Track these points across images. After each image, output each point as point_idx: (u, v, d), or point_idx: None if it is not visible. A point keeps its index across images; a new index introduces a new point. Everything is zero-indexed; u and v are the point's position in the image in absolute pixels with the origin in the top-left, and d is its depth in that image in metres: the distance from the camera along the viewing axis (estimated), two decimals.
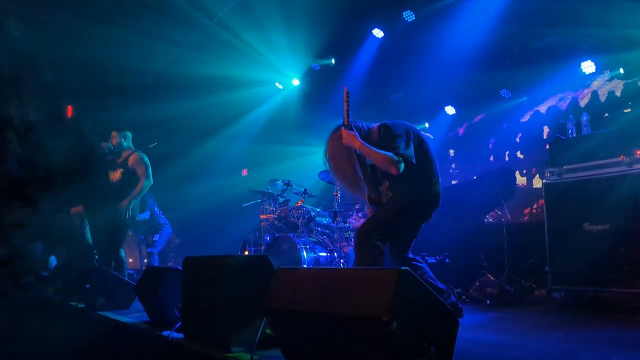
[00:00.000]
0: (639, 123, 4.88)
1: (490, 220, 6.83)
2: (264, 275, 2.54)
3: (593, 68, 6.35)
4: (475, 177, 7.47)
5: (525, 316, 3.87)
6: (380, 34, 7.41)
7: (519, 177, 7.36)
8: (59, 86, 6.86)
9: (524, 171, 7.41)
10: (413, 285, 1.78)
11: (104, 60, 7.71)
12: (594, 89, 6.65)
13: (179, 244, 9.56)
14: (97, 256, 5.37)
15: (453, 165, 8.51)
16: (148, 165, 5.28)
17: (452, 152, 8.57)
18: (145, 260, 7.80)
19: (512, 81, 7.23)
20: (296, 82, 8.72)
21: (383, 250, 3.15)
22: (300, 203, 6.29)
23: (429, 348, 1.72)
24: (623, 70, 6.28)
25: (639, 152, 3.77)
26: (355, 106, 3.41)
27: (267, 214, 6.39)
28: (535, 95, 7.29)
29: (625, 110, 6.10)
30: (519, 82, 7.18)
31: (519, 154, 7.60)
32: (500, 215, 5.96)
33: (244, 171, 10.32)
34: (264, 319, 2.25)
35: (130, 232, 6.75)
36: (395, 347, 1.68)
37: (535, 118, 7.41)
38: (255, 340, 2.21)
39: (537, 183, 7.14)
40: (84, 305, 4.33)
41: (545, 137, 7.13)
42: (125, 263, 5.21)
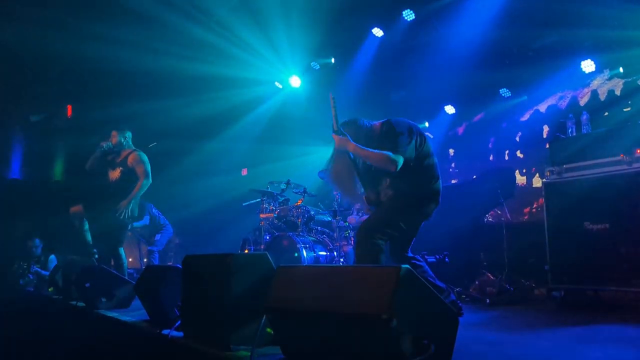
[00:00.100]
0: (639, 122, 4.88)
1: (490, 219, 6.82)
2: (264, 273, 2.55)
3: (593, 67, 6.35)
4: (475, 177, 7.46)
5: (525, 315, 3.86)
6: (379, 33, 7.41)
7: (518, 176, 7.36)
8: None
9: (524, 170, 7.42)
10: (413, 283, 1.78)
11: (104, 60, 7.72)
12: (593, 88, 6.66)
13: (179, 243, 9.55)
14: (97, 255, 5.37)
15: (453, 165, 8.52)
16: (147, 165, 5.29)
17: (452, 152, 8.57)
18: (145, 260, 7.80)
19: (512, 80, 7.23)
20: (296, 82, 8.71)
21: (383, 249, 3.15)
22: (299, 202, 6.29)
23: (429, 346, 1.72)
24: (623, 69, 6.28)
25: (638, 151, 3.77)
26: (355, 105, 3.43)
27: (267, 213, 6.39)
28: (535, 94, 7.29)
29: (625, 109, 6.11)
30: (518, 82, 7.18)
31: (518, 153, 7.60)
32: (500, 214, 5.96)
33: (244, 171, 10.32)
34: (263, 317, 2.25)
35: (130, 232, 6.75)
36: (395, 345, 1.68)
37: (535, 117, 7.41)
38: (255, 338, 2.21)
39: (537, 182, 7.15)
40: (83, 304, 4.33)
41: (545, 136, 7.13)
42: (124, 262, 5.21)
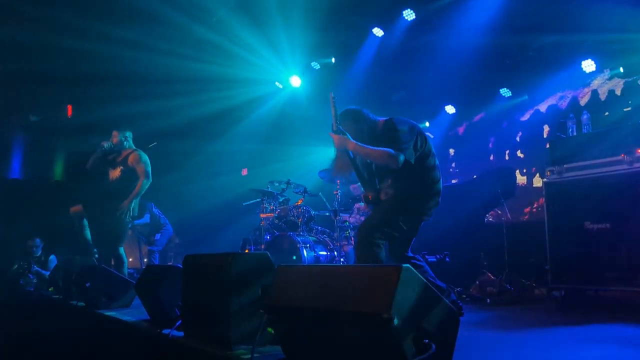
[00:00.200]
0: (639, 122, 4.88)
1: (491, 219, 6.82)
2: (265, 273, 2.55)
3: (593, 67, 6.34)
4: (475, 176, 7.46)
5: (525, 315, 3.87)
6: (380, 32, 7.41)
7: (519, 176, 7.36)
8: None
9: (524, 170, 7.41)
10: (414, 282, 1.78)
11: (104, 59, 7.73)
12: (594, 88, 6.65)
13: (179, 243, 9.55)
14: (97, 255, 5.37)
15: (453, 165, 8.51)
16: (148, 164, 5.29)
17: (452, 151, 8.56)
18: (145, 260, 7.81)
19: (512, 80, 7.23)
20: (296, 81, 8.71)
21: (383, 249, 3.15)
22: (300, 202, 6.29)
23: (430, 345, 1.72)
24: (623, 69, 6.28)
25: (639, 151, 3.77)
26: (355, 105, 3.42)
27: (267, 213, 6.39)
28: (536, 94, 7.29)
29: (625, 109, 6.10)
30: (519, 81, 7.18)
31: (519, 153, 7.59)
32: (501, 214, 5.96)
33: (244, 171, 10.31)
34: (264, 316, 2.25)
35: (130, 231, 6.75)
36: (396, 345, 1.68)
37: (536, 117, 7.41)
38: (256, 338, 2.21)
39: (538, 182, 7.14)
40: (84, 304, 4.33)
41: (545, 136, 7.12)
42: (125, 261, 5.21)
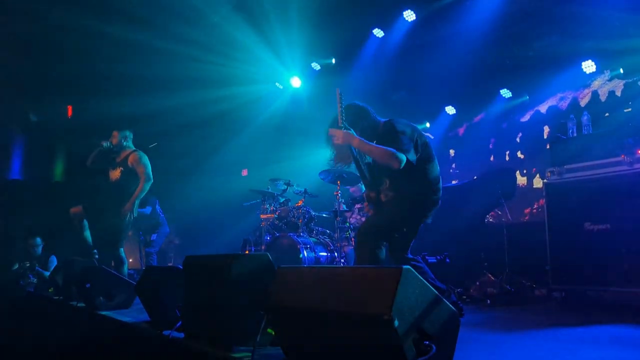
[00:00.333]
0: (639, 123, 4.88)
1: (491, 220, 6.82)
2: (265, 274, 2.55)
3: (593, 68, 6.35)
4: (475, 177, 7.46)
5: (525, 316, 3.86)
6: (380, 33, 7.41)
7: (519, 177, 7.36)
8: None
9: (525, 171, 7.41)
10: (414, 283, 1.78)
11: (105, 60, 7.73)
12: (594, 89, 6.65)
13: (179, 244, 9.55)
14: (97, 256, 5.36)
15: (453, 165, 8.51)
16: (148, 165, 5.28)
17: (453, 152, 8.57)
18: (144, 261, 7.80)
19: (513, 81, 7.24)
20: (296, 82, 8.72)
21: (383, 250, 3.15)
22: (300, 203, 6.28)
23: (430, 347, 1.72)
24: (623, 70, 6.28)
25: (639, 152, 3.77)
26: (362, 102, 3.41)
27: (268, 214, 6.38)
28: (536, 95, 7.29)
29: (625, 110, 6.10)
30: (519, 82, 7.18)
31: (519, 154, 7.59)
32: (501, 215, 5.96)
33: (244, 171, 10.31)
34: (264, 317, 2.25)
35: (130, 232, 6.74)
36: (397, 346, 1.68)
37: (536, 118, 7.41)
38: (256, 339, 2.21)
39: (538, 183, 7.14)
40: (84, 305, 4.33)
41: (545, 137, 7.12)
42: (125, 262, 5.20)
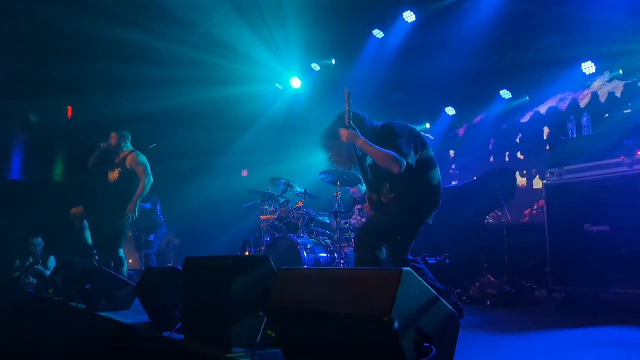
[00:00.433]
0: (639, 124, 4.88)
1: (491, 221, 6.82)
2: (265, 275, 2.55)
3: (593, 69, 6.35)
4: (475, 178, 7.47)
5: (525, 317, 3.86)
6: (380, 34, 7.42)
7: (519, 178, 7.36)
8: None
9: (525, 172, 7.42)
10: (414, 285, 1.78)
11: (105, 60, 7.72)
12: (594, 90, 6.66)
13: (179, 244, 9.54)
14: (97, 257, 5.36)
15: (453, 166, 8.52)
16: (146, 164, 5.28)
17: (453, 153, 8.57)
18: (144, 262, 7.80)
19: (512, 82, 7.25)
20: (296, 83, 8.72)
21: (384, 251, 3.15)
22: (300, 204, 6.28)
23: (431, 348, 1.72)
24: (623, 71, 6.29)
25: (639, 153, 3.77)
26: (356, 106, 3.42)
27: (268, 215, 6.38)
28: (536, 96, 7.30)
29: (625, 111, 6.11)
30: (519, 83, 7.19)
31: (519, 155, 7.60)
32: (501, 216, 5.96)
33: (244, 172, 10.31)
34: (264, 319, 2.25)
35: (130, 233, 6.73)
36: (397, 348, 1.68)
37: (536, 119, 7.42)
38: (256, 340, 2.21)
39: (538, 184, 7.15)
40: (84, 306, 4.33)
41: (545, 138, 7.13)
42: (125, 263, 5.20)
